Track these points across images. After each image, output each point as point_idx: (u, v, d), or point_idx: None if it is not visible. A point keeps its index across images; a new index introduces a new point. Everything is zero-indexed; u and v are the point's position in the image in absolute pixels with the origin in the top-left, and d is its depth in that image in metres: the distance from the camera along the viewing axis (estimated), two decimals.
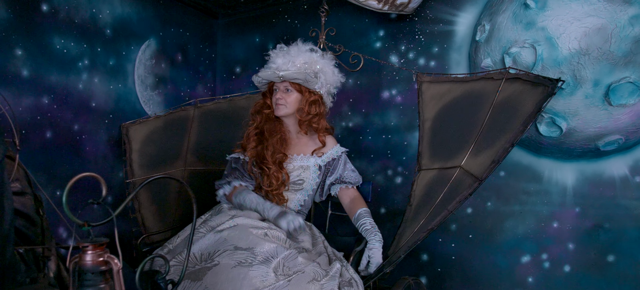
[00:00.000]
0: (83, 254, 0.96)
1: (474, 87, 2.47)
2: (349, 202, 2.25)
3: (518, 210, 3.16)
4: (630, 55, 2.49)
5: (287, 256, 1.73)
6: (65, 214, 0.94)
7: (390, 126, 3.55)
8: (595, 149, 2.82)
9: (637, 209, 2.85)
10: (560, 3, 2.60)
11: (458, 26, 3.34)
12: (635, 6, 2.48)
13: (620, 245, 2.90)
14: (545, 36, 2.63)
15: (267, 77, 2.21)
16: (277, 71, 2.16)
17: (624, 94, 2.54)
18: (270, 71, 2.18)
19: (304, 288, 1.63)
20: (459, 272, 3.31)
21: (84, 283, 0.96)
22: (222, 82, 4.16)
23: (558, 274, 3.06)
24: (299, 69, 2.17)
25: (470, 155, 2.20)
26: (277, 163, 2.15)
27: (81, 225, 1.01)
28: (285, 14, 3.94)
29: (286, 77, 2.15)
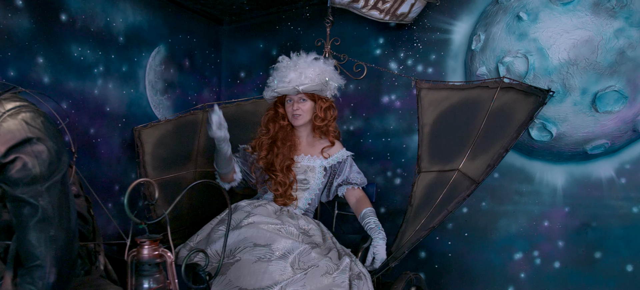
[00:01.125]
0: (141, 248, 1.12)
1: (470, 95, 2.62)
2: (355, 202, 2.41)
3: (511, 210, 3.34)
4: (615, 65, 2.67)
5: (302, 251, 1.89)
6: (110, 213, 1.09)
7: (390, 130, 3.71)
8: (583, 153, 3.00)
9: (622, 208, 3.03)
10: (550, 16, 2.78)
11: (454, 35, 3.51)
12: (619, 20, 2.66)
13: (606, 243, 3.08)
14: (536, 47, 2.81)
15: (286, 91, 2.33)
16: (296, 85, 2.29)
17: (609, 101, 2.72)
18: (290, 86, 2.31)
19: (318, 281, 1.79)
20: (456, 269, 3.49)
21: (141, 273, 1.11)
22: (227, 87, 4.31)
23: (548, 270, 3.23)
24: (314, 80, 2.32)
25: (468, 159, 2.37)
26: (284, 169, 2.31)
27: (138, 224, 1.17)
28: (288, 21, 4.09)
29: (306, 90, 2.30)
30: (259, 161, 2.35)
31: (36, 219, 1.11)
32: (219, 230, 2.07)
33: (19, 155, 1.10)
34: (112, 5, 3.13)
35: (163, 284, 1.13)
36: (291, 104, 2.37)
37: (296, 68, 2.34)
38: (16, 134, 1.11)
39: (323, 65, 2.47)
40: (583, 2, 2.72)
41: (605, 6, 2.68)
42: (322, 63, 2.48)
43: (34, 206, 1.11)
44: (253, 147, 2.46)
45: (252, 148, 2.46)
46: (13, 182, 1.10)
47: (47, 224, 1.13)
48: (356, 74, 2.83)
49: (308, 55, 2.51)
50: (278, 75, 2.41)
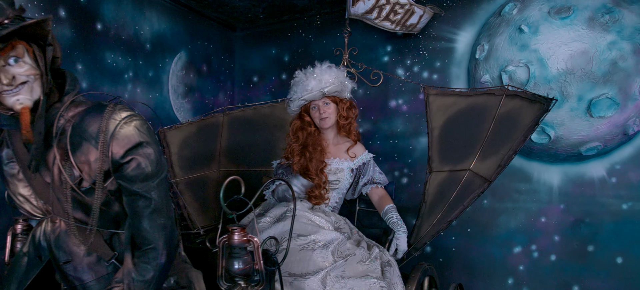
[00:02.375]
0: (231, 235, 1.33)
1: (477, 101, 2.86)
2: (378, 200, 2.64)
3: (511, 207, 3.60)
4: (608, 75, 2.94)
5: (340, 242, 2.12)
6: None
7: (397, 132, 3.96)
8: (578, 154, 3.27)
9: (612, 205, 3.30)
10: (550, 29, 3.04)
11: (458, 44, 3.76)
12: (612, 33, 2.93)
13: (598, 237, 3.35)
14: (537, 57, 3.07)
15: (313, 97, 2.53)
16: (321, 89, 2.50)
17: (603, 107, 2.99)
18: (315, 91, 2.51)
19: (355, 267, 2.02)
20: (459, 262, 3.74)
21: (232, 255, 1.32)
22: (240, 90, 4.52)
23: (545, 262, 3.50)
24: (333, 82, 2.54)
25: (478, 160, 2.61)
26: (319, 172, 2.52)
27: (229, 214, 1.39)
28: (300, 29, 4.31)
29: (329, 92, 2.51)
30: (294, 166, 2.56)
31: (149, 209, 1.33)
32: (261, 222, 2.29)
33: (134, 157, 1.31)
34: (140, 14, 3.32)
35: (250, 264, 1.35)
36: (317, 110, 2.57)
37: (315, 76, 2.54)
38: (131, 138, 1.32)
39: (337, 70, 2.69)
40: (579, 17, 2.99)
41: (599, 21, 2.95)
42: (335, 68, 2.69)
43: (148, 199, 1.33)
44: (286, 157, 2.66)
45: (286, 158, 2.66)
46: (130, 179, 1.32)
47: (158, 214, 1.34)
48: (373, 81, 3.06)
49: (322, 64, 2.70)
50: (299, 87, 2.59)
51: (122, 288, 1.29)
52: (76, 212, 1.35)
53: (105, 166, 1.32)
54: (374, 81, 3.04)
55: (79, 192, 1.32)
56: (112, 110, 1.34)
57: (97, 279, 1.39)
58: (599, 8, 2.97)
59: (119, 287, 1.29)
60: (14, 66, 1.24)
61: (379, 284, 1.98)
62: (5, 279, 1.52)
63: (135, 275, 1.30)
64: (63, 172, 1.31)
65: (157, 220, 1.34)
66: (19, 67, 1.24)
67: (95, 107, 1.38)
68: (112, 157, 1.31)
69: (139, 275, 1.31)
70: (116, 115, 1.33)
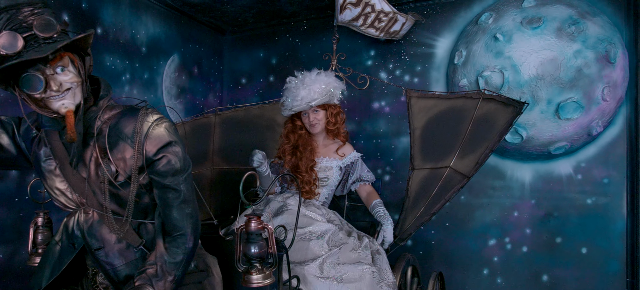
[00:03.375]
0: (248, 223, 1.52)
1: (456, 104, 3.09)
2: (366, 195, 2.84)
3: (486, 203, 3.85)
4: (574, 80, 3.21)
5: (333, 232, 2.31)
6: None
7: (380, 132, 4.18)
8: (547, 153, 3.53)
9: (578, 200, 3.59)
10: (522, 38, 3.29)
11: (437, 49, 4.00)
12: (578, 43, 3.20)
13: (565, 230, 3.63)
14: (510, 64, 3.32)
15: (301, 108, 2.70)
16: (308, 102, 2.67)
17: (569, 110, 3.25)
18: (303, 103, 2.68)
19: (348, 255, 2.22)
20: (438, 254, 3.98)
21: (250, 240, 1.51)
22: (229, 92, 4.67)
23: (518, 253, 3.77)
24: (321, 93, 2.71)
25: (457, 158, 2.83)
26: (308, 169, 2.71)
27: (247, 204, 1.57)
28: (287, 33, 4.49)
29: (316, 104, 2.69)
30: (286, 165, 2.74)
31: (179, 201, 1.50)
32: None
33: (165, 154, 1.49)
34: (137, 19, 3.46)
35: (265, 248, 1.53)
36: (307, 117, 2.75)
37: (304, 86, 2.70)
38: (162, 138, 1.50)
39: (326, 78, 2.84)
40: (549, 28, 3.25)
41: (566, 31, 3.21)
42: (324, 76, 2.84)
43: (177, 191, 1.50)
44: (278, 156, 2.84)
45: (278, 157, 2.84)
46: (161, 174, 1.49)
47: (185, 204, 1.52)
48: (360, 85, 3.26)
49: (311, 72, 2.86)
50: (290, 95, 2.75)
51: (155, 269, 1.46)
52: (111, 203, 1.52)
53: (139, 163, 1.49)
54: (361, 85, 3.25)
55: (116, 186, 1.49)
56: (144, 113, 1.51)
57: (127, 264, 1.56)
58: (566, 19, 3.23)
59: (153, 269, 1.46)
60: (61, 74, 1.40)
61: (371, 270, 2.19)
62: (39, 265, 1.68)
63: (167, 257, 1.48)
64: (103, 167, 1.47)
65: (185, 210, 1.52)
66: (64, 75, 1.40)
67: (129, 110, 1.55)
68: (145, 155, 1.48)
69: (170, 257, 1.48)
70: (148, 118, 1.51)
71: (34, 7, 1.37)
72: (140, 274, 1.46)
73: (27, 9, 1.36)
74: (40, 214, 1.95)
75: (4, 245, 2.53)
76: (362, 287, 2.09)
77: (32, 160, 1.62)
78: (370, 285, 2.12)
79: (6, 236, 2.54)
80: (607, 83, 3.21)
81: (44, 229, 1.94)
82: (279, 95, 4.07)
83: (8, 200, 2.55)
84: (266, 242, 1.53)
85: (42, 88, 1.36)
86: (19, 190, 2.60)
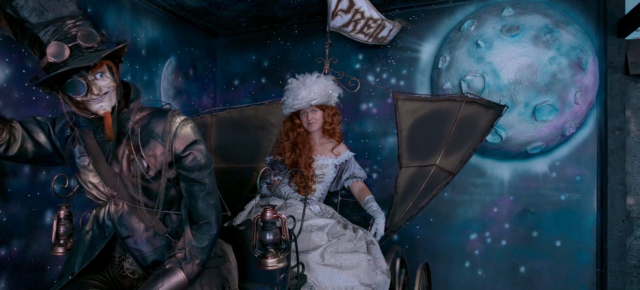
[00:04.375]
0: (265, 212, 1.70)
1: (440, 106, 3.30)
2: (359, 192, 3.04)
3: (468, 199, 4.09)
4: (549, 85, 3.45)
5: (332, 225, 2.51)
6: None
7: (368, 132, 4.38)
8: (524, 152, 3.78)
9: (553, 196, 3.84)
10: (502, 45, 3.53)
11: (422, 54, 4.23)
12: (552, 50, 3.44)
13: (541, 224, 3.88)
14: (491, 69, 3.55)
15: (301, 107, 2.90)
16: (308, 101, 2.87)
17: (545, 113, 3.50)
18: (303, 102, 2.87)
19: (346, 245, 2.41)
20: (423, 248, 4.20)
21: (265, 228, 1.69)
22: (222, 93, 4.83)
23: (497, 247, 4.01)
24: (320, 94, 2.91)
25: (443, 156, 3.05)
26: (307, 166, 2.90)
27: (263, 196, 1.75)
28: (278, 37, 4.67)
29: (316, 103, 2.89)
30: (286, 161, 2.93)
31: (204, 193, 1.68)
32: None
33: (191, 151, 1.67)
34: (137, 23, 3.60)
35: (279, 236, 1.71)
36: (305, 116, 2.95)
37: (305, 87, 2.91)
38: (189, 137, 1.67)
39: (325, 81, 3.05)
40: (526, 36, 3.49)
41: (542, 39, 3.46)
42: (324, 79, 3.06)
43: (203, 184, 1.68)
44: (278, 153, 3.03)
45: (279, 154, 3.02)
46: (188, 169, 1.67)
47: (210, 196, 1.70)
48: (351, 87, 3.46)
49: (312, 74, 3.06)
50: (291, 94, 2.94)
51: (184, 253, 1.63)
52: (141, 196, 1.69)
53: (168, 159, 1.66)
54: (352, 88, 3.44)
55: (148, 179, 1.66)
56: (172, 115, 1.69)
57: (154, 250, 1.73)
58: (542, 28, 3.48)
59: (182, 253, 1.63)
60: (100, 80, 1.56)
61: (367, 258, 2.39)
62: (71, 253, 1.83)
63: (195, 243, 1.66)
64: (137, 162, 1.64)
65: (210, 201, 1.70)
66: (103, 81, 1.57)
67: (158, 112, 1.72)
68: (174, 152, 1.66)
69: (197, 243, 1.66)
70: (176, 119, 1.68)
71: (76, 20, 1.53)
72: (170, 258, 1.63)
73: (71, 22, 1.52)
74: (62, 207, 2.09)
75: (18, 238, 2.66)
76: (360, 274, 2.29)
77: (65, 157, 1.78)
78: (367, 271, 2.33)
79: (20, 230, 2.67)
80: (579, 88, 3.47)
81: (65, 221, 2.09)
82: (271, 97, 4.29)
83: (22, 196, 2.68)
84: (280, 230, 1.72)
85: (84, 92, 1.52)
86: (31, 187, 2.73)
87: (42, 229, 2.81)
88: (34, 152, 1.74)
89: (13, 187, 2.63)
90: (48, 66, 1.49)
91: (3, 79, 2.56)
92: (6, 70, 2.58)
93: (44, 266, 2.82)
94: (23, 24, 1.48)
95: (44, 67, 1.51)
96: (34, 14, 1.48)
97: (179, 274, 1.58)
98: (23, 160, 1.75)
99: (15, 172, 2.64)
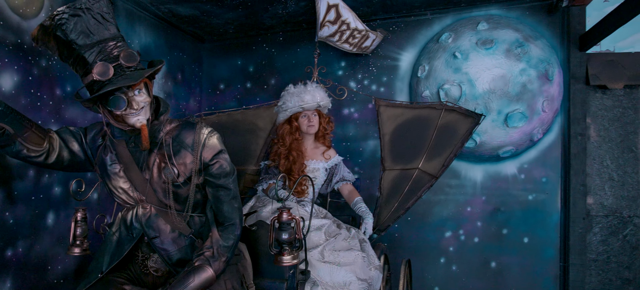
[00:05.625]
0: (281, 214, 1.89)
1: (421, 113, 3.53)
2: (348, 193, 3.26)
3: (443, 199, 4.37)
4: (520, 94, 3.75)
5: (328, 225, 2.72)
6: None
7: (349, 136, 4.61)
8: (496, 156, 4.08)
9: (521, 196, 4.16)
10: (477, 56, 3.80)
11: (401, 62, 4.48)
12: (523, 62, 3.74)
13: (511, 222, 4.19)
14: (467, 78, 3.82)
15: (309, 107, 3.08)
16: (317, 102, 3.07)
17: (515, 120, 3.80)
18: (313, 102, 3.07)
19: (342, 243, 2.63)
20: (401, 246, 4.45)
21: (281, 228, 1.88)
22: (207, 97, 4.96)
23: (470, 244, 4.30)
24: (323, 99, 3.14)
25: (425, 160, 3.29)
26: (300, 172, 3.10)
27: (280, 200, 1.94)
28: (264, 43, 4.83)
29: (323, 105, 3.11)
30: (280, 168, 3.11)
31: (229, 197, 1.86)
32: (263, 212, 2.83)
33: (218, 160, 1.84)
34: (132, 29, 3.71)
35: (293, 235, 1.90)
36: (306, 118, 3.13)
37: (307, 92, 3.11)
38: (216, 147, 1.85)
39: (322, 89, 3.27)
40: (499, 49, 3.78)
41: (513, 52, 3.75)
42: (321, 88, 3.27)
43: (228, 189, 1.86)
44: (273, 159, 3.21)
45: (273, 161, 3.20)
46: (215, 176, 1.84)
47: (234, 200, 1.88)
48: (339, 95, 3.67)
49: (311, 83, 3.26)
50: (294, 98, 3.11)
51: (212, 252, 1.81)
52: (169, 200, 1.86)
53: (197, 167, 1.83)
54: (339, 95, 3.66)
55: (179, 184, 1.83)
56: (200, 126, 1.86)
57: (179, 249, 1.90)
58: (513, 42, 3.78)
59: (209, 252, 1.81)
60: (138, 95, 1.72)
61: (361, 255, 2.61)
62: (98, 253, 1.97)
63: (222, 242, 1.84)
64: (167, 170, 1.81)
65: (234, 204, 1.88)
66: (140, 96, 1.73)
67: (186, 124, 1.89)
68: (203, 161, 1.83)
69: (224, 242, 1.84)
70: (204, 130, 1.86)
71: (117, 41, 1.69)
72: (199, 256, 1.80)
73: (112, 43, 1.68)
74: (79, 210, 2.22)
75: (23, 240, 2.76)
76: (356, 269, 2.51)
77: (96, 164, 1.93)
78: (362, 267, 2.55)
79: (24, 232, 2.77)
80: (546, 97, 3.79)
81: (82, 223, 2.21)
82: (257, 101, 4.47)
83: (26, 199, 2.77)
84: (294, 230, 1.91)
85: (125, 107, 1.68)
86: (35, 190, 2.83)
87: (45, 230, 2.91)
88: (69, 160, 1.88)
89: (19, 190, 2.72)
90: (92, 83, 1.64)
91: (12, 86, 2.66)
92: (15, 77, 2.68)
93: (45, 266, 2.92)
94: (71, 45, 1.63)
95: (87, 83, 1.66)
96: (82, 37, 1.63)
97: (208, 270, 1.76)
98: (59, 167, 1.89)
99: (21, 176, 2.73)
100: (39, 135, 1.79)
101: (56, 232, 2.99)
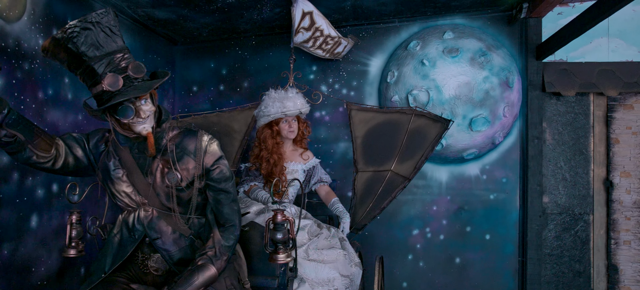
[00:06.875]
0: (276, 215, 2.01)
1: (391, 117, 3.71)
2: (325, 194, 3.41)
3: (411, 199, 4.58)
4: (483, 100, 4.00)
5: (310, 225, 2.85)
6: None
7: (321, 138, 4.76)
8: (461, 158, 4.32)
9: (483, 196, 4.42)
10: (444, 64, 4.03)
11: (371, 67, 4.66)
12: (486, 70, 3.99)
13: (474, 220, 4.45)
14: (434, 85, 4.04)
15: (291, 113, 3.21)
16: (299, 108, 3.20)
17: (479, 124, 4.05)
18: (294, 109, 3.20)
19: (324, 242, 2.77)
20: (371, 244, 4.63)
21: (276, 229, 2.00)
22: (180, 99, 4.99)
23: (436, 241, 4.53)
24: (303, 105, 3.28)
25: (397, 162, 3.48)
26: (280, 174, 3.22)
27: (276, 202, 2.06)
28: (237, 47, 4.91)
29: (304, 111, 3.24)
30: (262, 171, 3.22)
31: (229, 200, 1.97)
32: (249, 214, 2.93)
33: (218, 165, 1.95)
34: None
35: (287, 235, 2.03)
36: (287, 124, 3.26)
37: (288, 99, 3.24)
38: (216, 153, 1.95)
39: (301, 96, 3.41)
40: (464, 57, 4.01)
41: (477, 61, 4.00)
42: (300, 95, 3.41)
43: (229, 193, 1.96)
44: (253, 163, 3.32)
45: (253, 164, 3.31)
46: (216, 180, 1.94)
47: (234, 202, 1.98)
48: (314, 100, 3.82)
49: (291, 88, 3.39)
50: (276, 103, 3.23)
51: (214, 251, 1.92)
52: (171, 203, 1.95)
53: (199, 172, 1.93)
54: (315, 100, 3.80)
55: (182, 188, 1.92)
56: (201, 134, 1.96)
57: (179, 250, 1.99)
58: (477, 51, 4.03)
59: (212, 251, 1.91)
60: (144, 105, 1.81)
61: (342, 253, 2.76)
62: (100, 254, 2.04)
63: (223, 242, 1.94)
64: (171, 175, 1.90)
65: (234, 207, 1.99)
66: (146, 106, 1.82)
67: (187, 131, 1.99)
68: (205, 166, 1.93)
69: (225, 242, 1.95)
70: (205, 137, 1.96)
71: (124, 53, 1.78)
72: (201, 255, 1.91)
73: (119, 55, 1.76)
74: (74, 213, 2.27)
75: (8, 242, 2.76)
76: (339, 266, 2.66)
77: (99, 169, 1.99)
78: (344, 264, 2.70)
79: (9, 234, 2.77)
80: (507, 103, 4.05)
81: (77, 226, 2.27)
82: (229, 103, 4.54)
83: (11, 202, 2.78)
84: (288, 231, 2.04)
85: (133, 115, 1.77)
86: (19, 192, 2.84)
87: (29, 232, 2.92)
88: (74, 165, 1.94)
89: (3, 193, 2.73)
90: (101, 93, 1.72)
91: None
92: None
93: (29, 268, 2.93)
94: (81, 57, 1.70)
95: (96, 94, 1.73)
96: (92, 49, 1.71)
97: (211, 269, 1.87)
98: (65, 172, 1.94)
99: (5, 179, 2.74)
100: (47, 142, 1.84)
101: (40, 234, 3.00)
